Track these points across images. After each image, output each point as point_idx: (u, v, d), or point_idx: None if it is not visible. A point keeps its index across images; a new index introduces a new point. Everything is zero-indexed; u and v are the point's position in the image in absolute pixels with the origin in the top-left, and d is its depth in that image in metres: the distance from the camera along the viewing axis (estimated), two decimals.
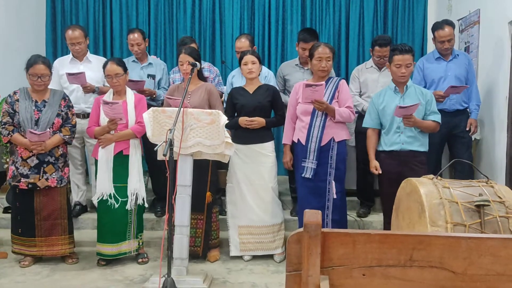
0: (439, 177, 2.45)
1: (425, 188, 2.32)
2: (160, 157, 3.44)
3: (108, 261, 3.79)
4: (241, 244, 3.91)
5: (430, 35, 5.79)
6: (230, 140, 3.39)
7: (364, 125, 3.82)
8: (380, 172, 3.63)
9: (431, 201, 2.24)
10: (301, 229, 1.42)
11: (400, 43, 3.86)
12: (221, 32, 6.02)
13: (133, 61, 4.68)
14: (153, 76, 4.68)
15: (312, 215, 1.41)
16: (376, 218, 4.54)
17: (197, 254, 3.85)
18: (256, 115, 3.86)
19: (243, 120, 3.85)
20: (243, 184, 3.90)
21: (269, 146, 3.93)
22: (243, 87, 4.00)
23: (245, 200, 3.90)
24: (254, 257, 3.94)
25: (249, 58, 3.85)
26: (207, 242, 3.89)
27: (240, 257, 3.94)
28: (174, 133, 3.05)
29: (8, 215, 4.59)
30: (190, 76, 3.63)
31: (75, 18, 6.03)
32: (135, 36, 4.60)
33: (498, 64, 4.22)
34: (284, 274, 1.48)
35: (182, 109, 3.22)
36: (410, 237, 1.44)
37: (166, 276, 3.06)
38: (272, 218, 3.92)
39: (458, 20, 4.98)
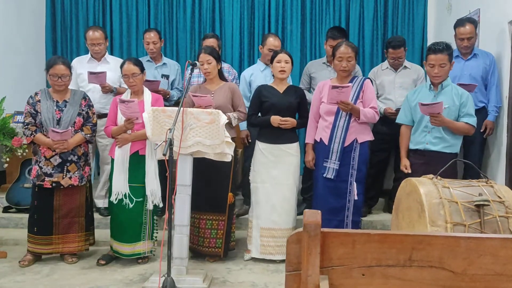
0: (439, 177, 2.46)
1: (424, 188, 2.32)
2: (159, 156, 3.45)
3: (108, 260, 3.79)
4: (261, 247, 3.85)
5: (429, 34, 5.84)
6: (230, 140, 3.38)
7: (397, 121, 3.80)
8: (410, 171, 3.57)
9: (430, 201, 2.25)
10: (301, 229, 1.42)
11: (435, 42, 3.75)
12: (221, 31, 6.02)
13: (148, 60, 4.72)
14: (167, 76, 4.72)
15: (311, 215, 1.41)
16: (376, 217, 4.55)
17: (219, 255, 3.82)
18: (286, 115, 3.81)
19: (277, 119, 3.77)
20: (269, 184, 3.83)
21: (295, 146, 3.89)
22: (272, 85, 3.93)
23: (269, 201, 3.83)
24: (254, 257, 3.93)
25: (283, 56, 3.80)
26: (228, 243, 3.86)
27: (240, 257, 3.94)
28: (173, 133, 3.06)
29: (8, 215, 4.62)
30: (190, 75, 3.63)
31: (75, 18, 6.03)
32: (151, 35, 4.67)
33: (497, 64, 4.21)
34: (284, 274, 1.48)
35: (182, 108, 3.22)
36: (409, 237, 1.44)
37: (166, 275, 3.06)
38: (294, 220, 3.89)
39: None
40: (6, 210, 4.68)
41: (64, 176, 3.70)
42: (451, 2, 5.29)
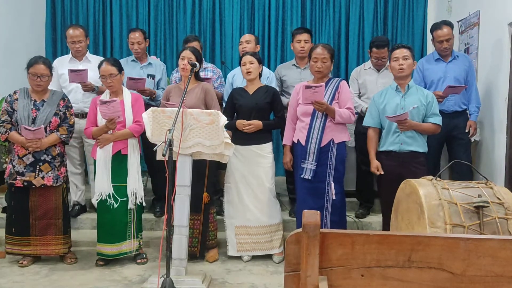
0: (438, 178, 2.45)
1: (424, 189, 2.32)
2: (159, 157, 3.44)
3: (107, 261, 3.78)
4: (238, 244, 3.93)
5: (430, 36, 5.85)
6: (229, 141, 3.39)
7: (364, 124, 3.81)
8: (382, 172, 3.61)
9: (430, 202, 2.24)
10: (300, 230, 1.42)
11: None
12: (221, 32, 6.03)
13: (133, 60, 4.71)
14: (152, 76, 4.70)
15: (311, 216, 1.41)
16: (375, 219, 4.54)
17: (195, 254, 3.86)
18: (254, 116, 3.87)
19: (240, 124, 3.86)
20: (241, 184, 3.91)
21: (267, 147, 3.94)
22: (244, 87, 4.02)
23: (242, 200, 3.91)
24: (253, 258, 3.94)
25: (247, 58, 3.89)
26: (204, 243, 3.89)
27: (239, 258, 3.94)
28: (173, 133, 3.06)
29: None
30: (189, 76, 3.63)
31: (75, 18, 6.03)
32: (136, 35, 4.65)
33: (497, 66, 4.22)
34: (283, 275, 1.48)
35: (181, 109, 3.22)
36: (408, 238, 1.44)
37: (165, 276, 3.05)
38: (269, 218, 3.92)
39: (458, 21, 4.98)
40: (5, 210, 4.67)
41: (36, 176, 3.66)
42: (451, 4, 5.30)
